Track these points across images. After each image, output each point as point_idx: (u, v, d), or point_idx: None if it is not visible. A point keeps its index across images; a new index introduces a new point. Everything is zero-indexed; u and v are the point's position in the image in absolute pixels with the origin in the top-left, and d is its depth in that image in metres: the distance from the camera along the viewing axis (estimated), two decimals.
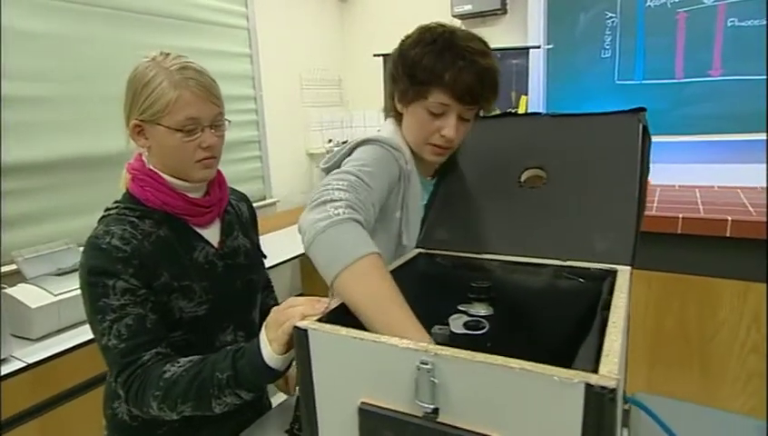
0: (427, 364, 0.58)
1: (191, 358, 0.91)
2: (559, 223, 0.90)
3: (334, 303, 0.72)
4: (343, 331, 0.64)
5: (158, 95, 0.95)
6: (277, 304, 1.02)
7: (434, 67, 0.98)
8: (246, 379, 0.83)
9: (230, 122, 1.07)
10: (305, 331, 0.66)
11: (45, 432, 1.76)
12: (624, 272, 0.80)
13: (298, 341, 0.66)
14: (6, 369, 1.57)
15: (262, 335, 0.82)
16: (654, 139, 0.91)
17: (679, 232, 2.15)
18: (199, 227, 1.07)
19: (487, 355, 0.56)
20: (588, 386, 0.51)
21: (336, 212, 0.77)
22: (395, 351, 0.60)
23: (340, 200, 0.79)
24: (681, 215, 2.16)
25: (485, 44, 1.02)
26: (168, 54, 0.99)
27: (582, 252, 0.85)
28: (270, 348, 0.80)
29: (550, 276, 0.86)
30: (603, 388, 0.50)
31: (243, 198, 1.25)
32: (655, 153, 0.92)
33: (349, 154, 1.00)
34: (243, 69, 3.16)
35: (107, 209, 1.02)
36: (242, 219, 1.19)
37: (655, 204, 2.38)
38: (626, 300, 0.71)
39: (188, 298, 1.00)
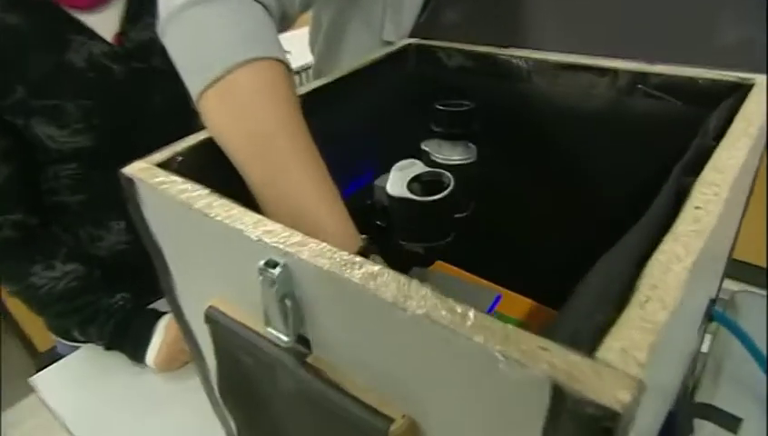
0: (274, 269, 0.30)
1: (70, 274, 0.73)
2: (646, 2, 0.49)
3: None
4: (181, 188, 0.36)
5: None
6: None
7: None
8: (121, 349, 0.74)
9: None
10: (130, 180, 0.39)
11: None
12: (763, 84, 0.41)
13: (127, 190, 0.40)
14: None
15: (156, 338, 0.71)
16: None
17: None
18: (78, 10, 0.70)
19: (377, 267, 0.27)
20: (557, 394, 0.21)
21: None
22: (239, 236, 0.32)
23: None
24: None
25: None
26: None
27: (685, 50, 0.45)
28: (154, 356, 0.70)
29: (618, 92, 0.48)
30: (592, 408, 0.20)
31: None
32: None
33: None
34: None
35: None
36: None
37: None
38: (755, 141, 0.35)
39: (57, 123, 0.69)
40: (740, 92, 0.42)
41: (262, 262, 0.31)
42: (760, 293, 0.54)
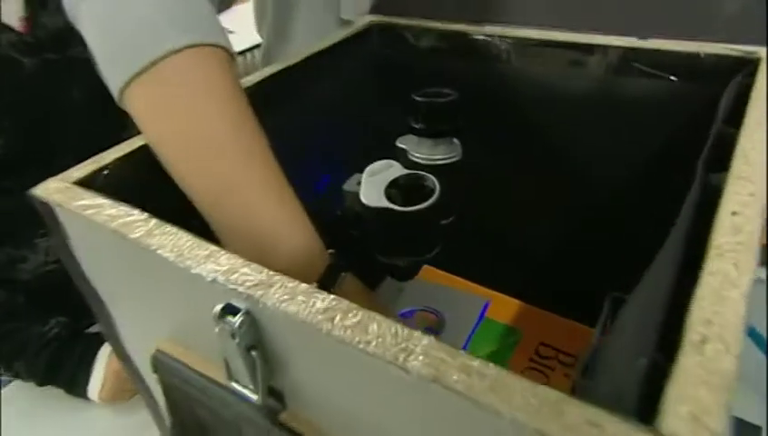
0: (234, 316, 0.24)
1: None
2: None
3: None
4: (110, 213, 0.29)
5: None
6: None
7: None
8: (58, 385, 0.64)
9: None
10: (45, 204, 0.32)
11: None
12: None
13: (45, 216, 0.33)
14: None
15: (98, 368, 0.62)
16: None
17: None
18: None
19: (366, 313, 0.21)
20: None
21: None
22: (188, 275, 0.26)
23: None
24: None
25: None
26: None
27: (682, 22, 0.41)
28: (98, 389, 0.62)
29: (608, 71, 0.44)
30: None
31: None
32: None
33: None
34: None
35: None
36: None
37: None
38: None
39: None
40: (747, 67, 0.38)
41: (219, 308, 0.24)
42: (759, 279, 0.51)
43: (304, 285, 0.23)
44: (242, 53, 1.75)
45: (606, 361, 0.23)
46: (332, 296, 0.23)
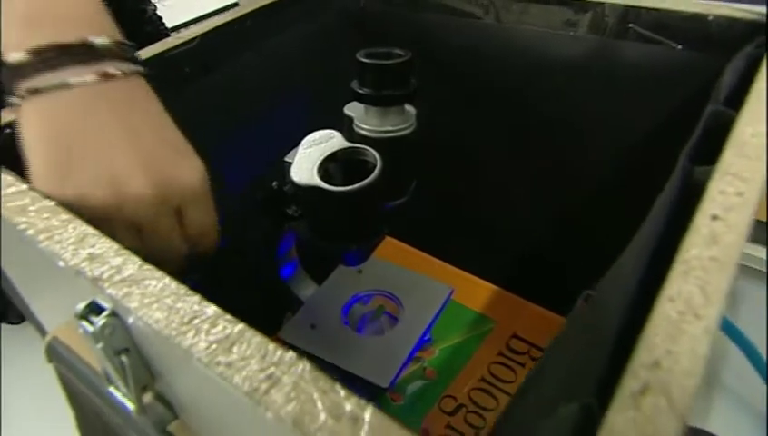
0: (98, 316, 0.20)
1: None
2: None
3: None
4: None
5: None
6: None
7: None
8: None
9: None
10: None
11: None
12: None
13: None
14: None
15: None
16: None
17: None
18: None
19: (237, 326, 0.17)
20: None
21: None
22: (56, 262, 0.22)
23: None
24: None
25: None
26: None
27: None
28: None
29: (603, 34, 0.38)
30: None
31: None
32: None
33: None
34: None
35: None
36: None
37: None
38: None
39: None
40: (761, 35, 0.31)
41: (82, 306, 0.21)
42: (759, 284, 0.46)
43: (175, 285, 0.19)
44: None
45: (524, 410, 0.19)
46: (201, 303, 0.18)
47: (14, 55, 0.25)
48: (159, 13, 0.68)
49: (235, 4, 1.07)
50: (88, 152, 0.26)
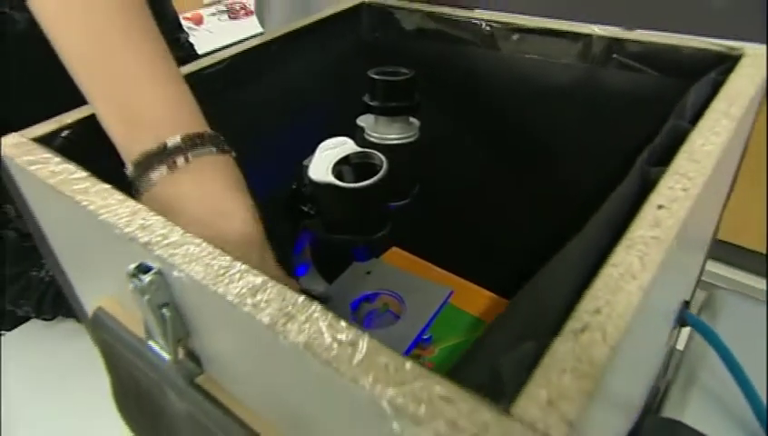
0: (145, 274, 0.25)
1: None
2: None
3: None
4: (53, 169, 0.30)
5: None
6: None
7: None
8: None
9: None
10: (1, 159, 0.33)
11: None
12: (755, 55, 0.36)
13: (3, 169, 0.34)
14: None
15: None
16: None
17: None
18: None
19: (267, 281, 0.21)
20: None
21: None
22: (112, 231, 0.26)
23: None
24: None
25: None
26: None
27: (670, 16, 0.39)
28: None
29: (591, 62, 0.43)
30: None
31: None
32: None
33: None
34: None
35: None
36: None
37: None
38: (738, 123, 0.29)
39: None
40: (726, 63, 0.36)
41: (133, 266, 0.25)
42: (741, 293, 0.49)
43: (211, 248, 0.24)
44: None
45: (492, 345, 0.23)
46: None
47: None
48: (191, 40, 0.75)
49: (261, 33, 1.16)
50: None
